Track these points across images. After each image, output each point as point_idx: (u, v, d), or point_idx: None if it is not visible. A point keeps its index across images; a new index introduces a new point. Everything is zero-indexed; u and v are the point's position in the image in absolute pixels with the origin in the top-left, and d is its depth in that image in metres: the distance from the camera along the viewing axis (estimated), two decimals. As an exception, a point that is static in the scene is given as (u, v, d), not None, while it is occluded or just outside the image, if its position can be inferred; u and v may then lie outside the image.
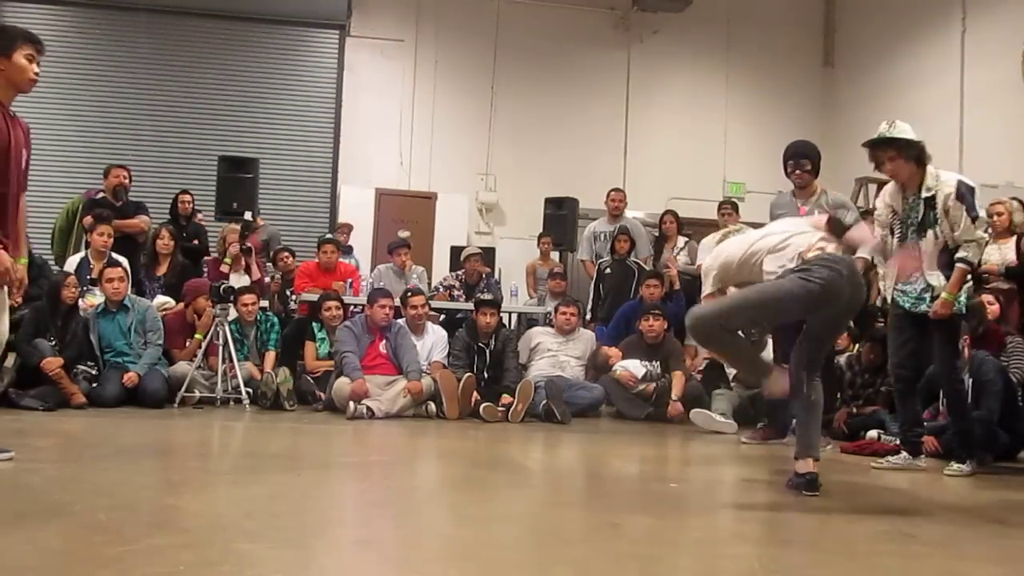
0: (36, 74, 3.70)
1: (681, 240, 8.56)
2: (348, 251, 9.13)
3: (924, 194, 4.48)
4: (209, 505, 3.19)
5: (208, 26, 10.76)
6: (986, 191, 7.86)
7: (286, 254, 8.24)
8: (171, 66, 10.58)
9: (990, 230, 6.46)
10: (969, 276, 4.57)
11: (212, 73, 10.71)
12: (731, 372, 6.85)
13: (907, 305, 4.60)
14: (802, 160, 5.56)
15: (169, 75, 10.56)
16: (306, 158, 10.84)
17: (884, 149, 4.54)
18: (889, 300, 4.70)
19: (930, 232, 4.47)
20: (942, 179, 4.47)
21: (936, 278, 4.47)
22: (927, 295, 4.52)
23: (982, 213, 4.45)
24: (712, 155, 11.62)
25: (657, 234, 8.69)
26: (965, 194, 4.40)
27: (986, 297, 6.04)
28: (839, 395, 6.09)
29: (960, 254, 4.40)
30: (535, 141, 11.20)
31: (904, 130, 4.54)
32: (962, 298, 4.49)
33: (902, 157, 4.49)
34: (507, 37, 11.33)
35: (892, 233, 4.64)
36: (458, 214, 10.77)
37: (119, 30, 10.53)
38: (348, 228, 9.51)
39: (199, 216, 8.41)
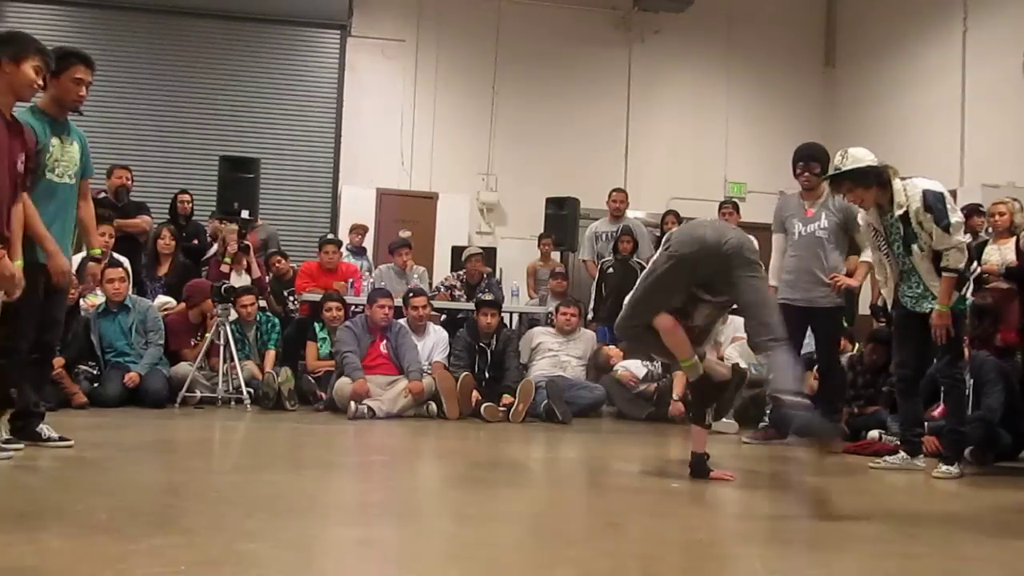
0: (39, 86, 3.80)
1: (682, 240, 8.56)
2: (361, 253, 9.09)
3: (897, 211, 4.48)
4: (210, 505, 3.19)
5: (209, 26, 10.76)
6: (988, 191, 7.89)
7: (279, 257, 8.23)
8: (172, 66, 10.58)
9: (990, 229, 6.49)
10: (972, 275, 4.58)
11: (213, 73, 10.70)
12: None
13: (908, 304, 4.62)
14: (812, 163, 5.58)
15: (170, 75, 10.56)
16: (307, 158, 10.83)
17: (840, 182, 4.59)
18: (890, 303, 4.71)
19: (914, 246, 4.48)
20: (909, 193, 4.45)
21: (934, 286, 4.49)
22: (929, 294, 4.54)
23: (955, 218, 4.38)
24: (713, 155, 11.61)
25: (659, 234, 8.69)
26: (932, 203, 4.37)
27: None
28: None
29: (942, 263, 4.40)
30: (536, 141, 11.19)
31: (857, 158, 4.54)
32: (968, 298, 4.50)
33: (860, 187, 4.53)
34: (508, 37, 11.32)
35: (880, 250, 4.68)
36: (459, 214, 10.77)
37: (120, 30, 10.53)
38: (363, 229, 9.29)
39: (214, 222, 8.42)
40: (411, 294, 7.01)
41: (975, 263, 4.72)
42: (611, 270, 8.09)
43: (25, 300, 3.81)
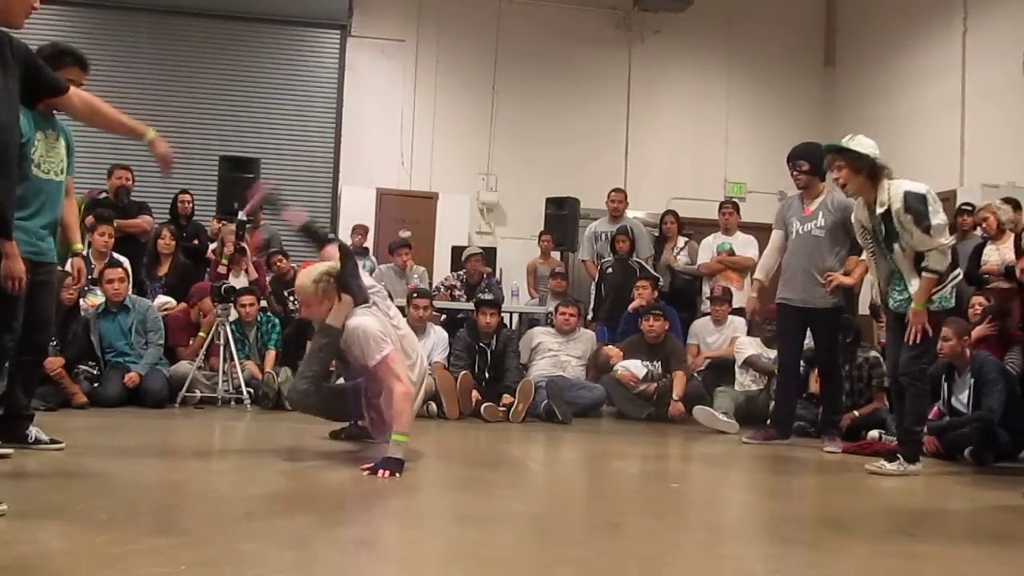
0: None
1: (681, 240, 8.58)
2: (364, 253, 9.09)
3: (879, 209, 4.52)
4: (210, 505, 3.19)
5: (209, 26, 10.77)
6: (988, 191, 7.91)
7: (280, 257, 8.24)
8: (172, 66, 10.59)
9: (983, 231, 6.56)
10: (958, 275, 4.59)
11: (213, 73, 10.72)
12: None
13: (892, 305, 4.65)
14: (798, 162, 5.60)
15: (171, 75, 10.57)
16: (307, 158, 10.85)
17: (835, 157, 4.66)
18: (879, 302, 4.74)
19: (896, 245, 4.51)
20: (892, 192, 4.47)
21: (914, 285, 4.50)
22: (907, 293, 4.58)
23: (937, 220, 4.36)
24: (713, 155, 11.62)
25: (658, 234, 8.70)
26: (913, 205, 4.39)
27: (978, 299, 6.07)
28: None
29: (923, 263, 4.42)
30: (536, 141, 11.20)
31: (862, 144, 4.59)
32: (949, 297, 4.51)
33: (849, 168, 4.58)
34: (508, 37, 11.33)
35: (868, 248, 4.71)
36: (459, 214, 10.77)
37: (120, 30, 10.54)
38: (364, 230, 9.33)
39: (214, 222, 8.41)
40: (415, 295, 7.00)
41: (957, 268, 4.71)
42: (610, 270, 8.10)
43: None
